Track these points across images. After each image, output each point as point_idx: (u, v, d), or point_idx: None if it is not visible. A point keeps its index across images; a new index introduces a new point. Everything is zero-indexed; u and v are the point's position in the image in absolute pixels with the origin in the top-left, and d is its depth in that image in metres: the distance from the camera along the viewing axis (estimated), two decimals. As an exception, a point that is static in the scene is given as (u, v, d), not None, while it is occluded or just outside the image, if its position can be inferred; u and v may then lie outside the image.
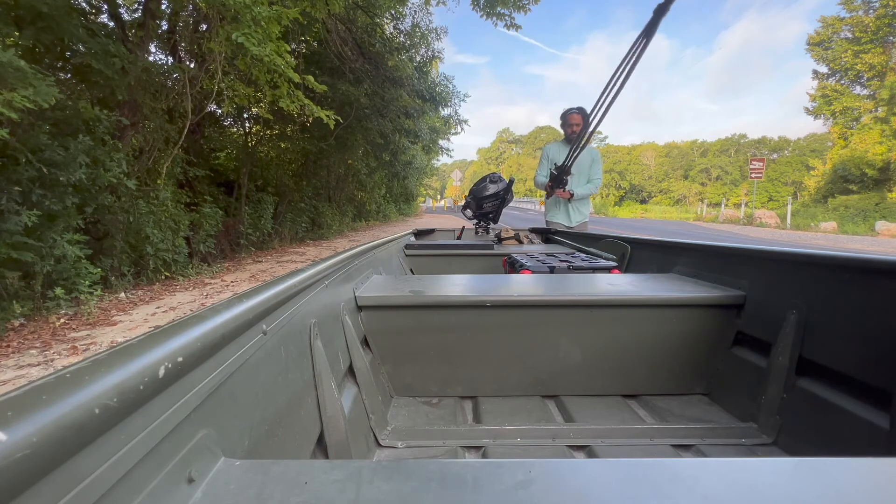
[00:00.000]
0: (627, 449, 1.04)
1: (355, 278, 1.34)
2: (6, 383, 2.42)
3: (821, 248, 1.21)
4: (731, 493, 0.38)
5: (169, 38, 5.99)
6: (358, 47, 9.04)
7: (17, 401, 0.27)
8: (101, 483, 0.30)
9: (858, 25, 21.89)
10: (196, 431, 0.43)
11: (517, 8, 9.09)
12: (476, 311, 1.28)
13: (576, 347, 1.28)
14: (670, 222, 22.84)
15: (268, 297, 0.63)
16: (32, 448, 0.25)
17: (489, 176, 3.46)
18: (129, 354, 0.36)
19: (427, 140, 13.46)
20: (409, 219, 21.00)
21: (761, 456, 1.00)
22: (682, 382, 1.31)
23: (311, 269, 0.90)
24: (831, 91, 24.03)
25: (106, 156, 4.25)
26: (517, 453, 1.03)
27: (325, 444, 0.80)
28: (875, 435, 0.83)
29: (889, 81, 19.76)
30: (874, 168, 20.38)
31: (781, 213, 20.61)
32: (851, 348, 0.92)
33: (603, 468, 0.43)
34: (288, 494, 0.40)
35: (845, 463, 0.41)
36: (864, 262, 0.94)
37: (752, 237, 13.36)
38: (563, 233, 2.84)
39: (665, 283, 1.42)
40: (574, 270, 1.89)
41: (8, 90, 2.86)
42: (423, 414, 1.21)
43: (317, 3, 5.50)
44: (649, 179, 48.07)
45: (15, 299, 3.34)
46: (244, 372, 0.55)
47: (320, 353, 0.83)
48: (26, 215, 3.26)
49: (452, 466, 0.43)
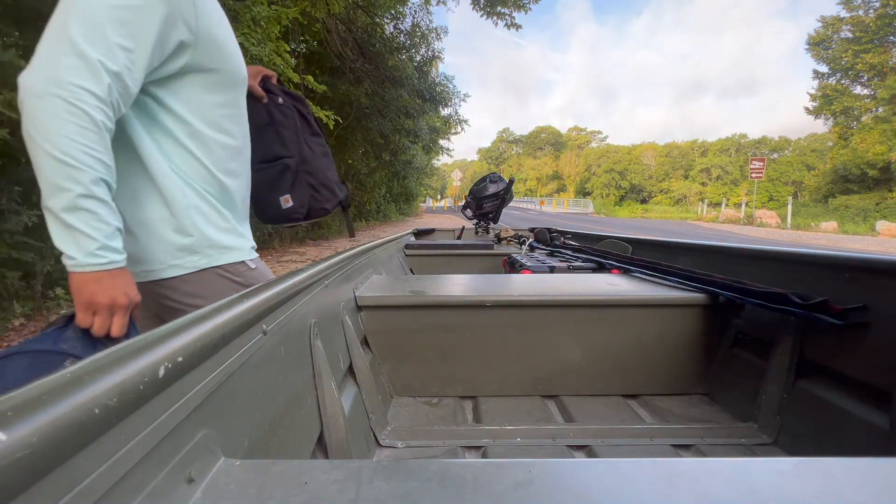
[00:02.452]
0: (627, 449, 1.04)
1: (355, 278, 1.34)
2: (6, 383, 2.42)
3: (821, 248, 1.21)
4: (731, 493, 0.38)
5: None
6: (358, 47, 9.04)
7: (17, 401, 0.27)
8: (101, 483, 0.30)
9: (858, 25, 21.88)
10: (196, 431, 0.43)
11: (517, 7, 9.09)
12: (476, 311, 1.28)
13: (576, 347, 1.28)
14: (671, 222, 22.85)
15: (268, 296, 0.63)
16: (32, 448, 0.25)
17: (489, 176, 3.46)
18: (129, 354, 0.36)
19: (427, 140, 13.47)
20: (409, 219, 20.99)
21: (761, 456, 1.00)
22: (682, 382, 1.31)
23: (311, 269, 0.90)
24: (832, 91, 24.03)
25: (106, 156, 4.25)
26: (517, 453, 1.03)
27: (325, 444, 0.80)
28: (875, 435, 0.83)
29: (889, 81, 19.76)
30: (875, 168, 20.38)
31: (782, 212, 20.61)
32: (851, 348, 0.92)
33: (603, 468, 0.43)
34: (288, 494, 0.40)
35: (845, 463, 0.41)
36: (864, 262, 0.94)
37: (752, 237, 13.36)
38: (563, 232, 2.84)
39: (665, 283, 1.42)
40: (574, 270, 1.89)
41: (8, 90, 2.86)
42: (423, 414, 1.21)
43: (317, 3, 5.51)
44: (649, 179, 48.08)
45: (15, 299, 3.34)
46: (244, 372, 0.55)
47: (320, 353, 0.83)
48: (26, 215, 3.26)
49: (452, 466, 0.43)
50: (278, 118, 1.18)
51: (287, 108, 1.21)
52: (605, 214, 32.62)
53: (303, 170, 1.21)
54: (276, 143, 1.18)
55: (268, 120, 1.17)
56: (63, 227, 0.66)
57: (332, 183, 1.26)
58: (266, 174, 1.17)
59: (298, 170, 1.20)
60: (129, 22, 0.70)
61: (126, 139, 0.80)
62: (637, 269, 1.63)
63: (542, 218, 21.43)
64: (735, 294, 1.18)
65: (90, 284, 0.68)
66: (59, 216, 0.65)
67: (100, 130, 0.67)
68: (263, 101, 1.17)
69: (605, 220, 23.62)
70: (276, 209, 1.18)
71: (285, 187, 1.18)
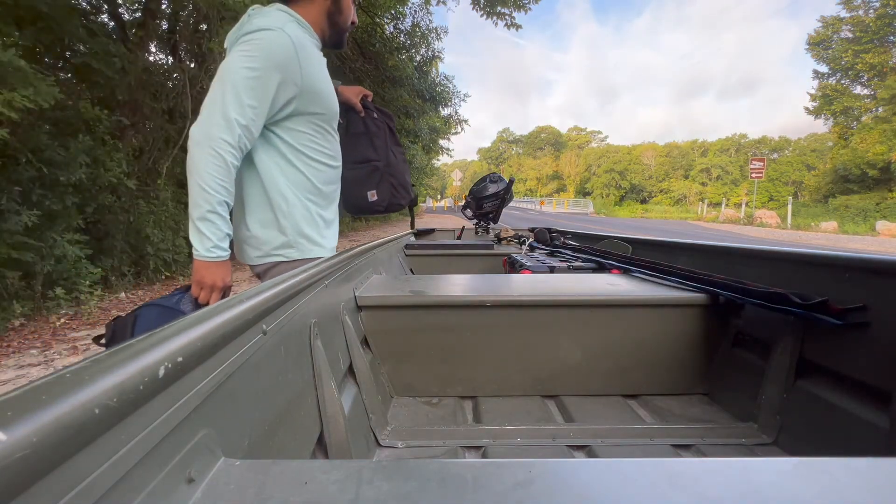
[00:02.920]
0: (627, 449, 1.04)
1: (355, 278, 1.34)
2: (6, 383, 2.42)
3: (821, 248, 1.21)
4: (731, 493, 0.38)
5: (169, 38, 5.99)
6: (358, 47, 9.04)
7: (17, 401, 0.27)
8: (101, 483, 0.30)
9: (858, 25, 21.87)
10: (196, 431, 0.43)
11: (517, 7, 9.09)
12: (476, 311, 1.28)
13: (576, 347, 1.28)
14: (671, 222, 22.84)
15: (268, 296, 0.63)
16: (32, 448, 0.25)
17: (489, 176, 3.45)
18: (129, 354, 0.36)
19: (427, 140, 13.47)
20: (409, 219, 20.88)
21: (761, 456, 1.00)
22: (683, 382, 1.31)
23: (311, 269, 0.90)
24: (832, 91, 24.02)
25: (106, 156, 4.25)
26: (517, 453, 1.03)
27: (325, 444, 0.80)
28: (875, 435, 0.83)
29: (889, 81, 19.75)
30: (875, 168, 20.37)
31: (782, 213, 20.62)
32: (851, 348, 0.92)
33: (603, 468, 0.43)
34: (288, 494, 0.40)
35: (845, 463, 0.41)
36: (864, 262, 0.94)
37: (752, 237, 13.36)
38: (563, 232, 2.84)
39: (665, 283, 1.42)
40: (574, 270, 1.89)
41: (8, 90, 2.86)
42: (423, 414, 1.21)
43: (317, 3, 5.49)
44: (650, 179, 48.05)
45: (15, 299, 3.34)
46: (244, 372, 0.55)
47: (320, 353, 0.83)
48: (26, 215, 3.26)
49: (452, 466, 0.43)
50: (372, 129, 1.52)
51: (379, 121, 1.54)
52: (605, 214, 32.61)
53: (387, 172, 1.51)
54: (368, 149, 1.50)
55: (363, 130, 1.51)
56: (195, 230, 0.99)
57: (408, 184, 1.58)
58: (358, 173, 1.48)
59: (384, 171, 1.50)
60: (256, 87, 1.02)
61: (251, 162, 1.14)
62: (637, 269, 1.63)
63: (542, 218, 21.41)
64: (735, 294, 1.18)
65: (202, 269, 1.01)
66: (195, 222, 0.99)
67: (229, 168, 1.01)
68: (361, 114, 1.50)
69: (605, 220, 23.61)
70: (363, 201, 1.48)
71: (372, 184, 1.49)
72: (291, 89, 1.08)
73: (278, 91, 1.05)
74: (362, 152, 1.50)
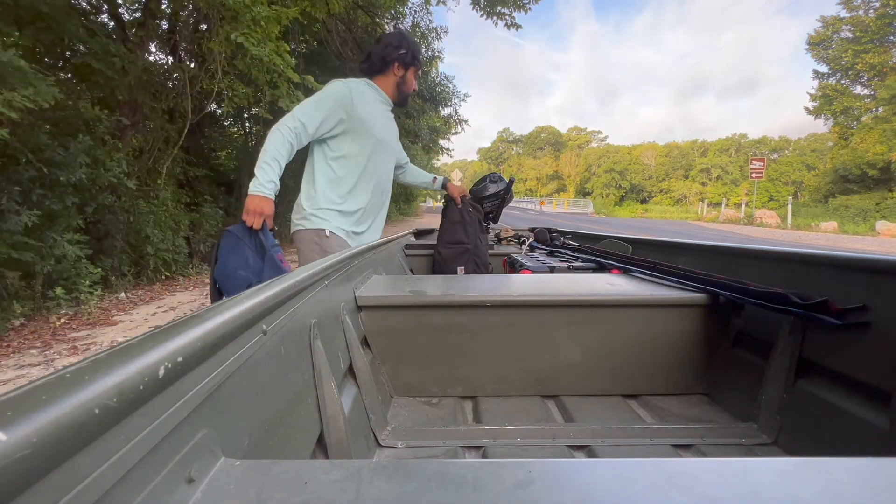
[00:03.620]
0: (627, 449, 1.04)
1: (355, 278, 1.34)
2: (6, 383, 2.42)
3: (821, 248, 1.21)
4: (731, 493, 0.38)
5: (169, 38, 5.99)
6: (358, 47, 9.03)
7: (17, 401, 0.27)
8: (101, 483, 0.30)
9: (858, 25, 21.87)
10: (196, 431, 0.43)
11: (517, 7, 9.08)
12: (476, 311, 1.27)
13: (576, 347, 1.28)
14: (671, 222, 22.85)
15: (268, 296, 0.63)
16: (32, 448, 0.25)
17: (489, 176, 3.44)
18: (129, 354, 0.36)
19: (427, 140, 13.45)
20: (409, 219, 21.00)
21: (761, 456, 1.00)
22: (682, 382, 1.31)
23: (311, 268, 0.90)
24: (832, 91, 24.02)
25: (106, 156, 4.25)
26: (517, 453, 1.03)
27: (325, 444, 0.80)
28: (875, 435, 0.83)
29: (889, 81, 19.74)
30: (875, 168, 20.37)
31: (782, 212, 20.63)
32: (851, 348, 0.92)
33: (603, 468, 0.43)
34: (288, 494, 0.40)
35: (845, 463, 0.41)
36: (864, 262, 0.94)
37: (752, 237, 13.37)
38: (563, 232, 2.84)
39: (665, 283, 1.42)
40: (574, 270, 1.89)
41: (8, 90, 2.86)
42: (423, 414, 1.21)
43: (317, 3, 5.51)
44: (649, 179, 48.04)
45: (15, 299, 3.34)
46: (244, 372, 0.55)
47: (320, 353, 0.83)
48: (26, 215, 3.26)
49: (452, 466, 0.43)
50: (467, 219, 2.17)
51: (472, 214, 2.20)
52: (605, 214, 32.62)
53: (473, 252, 2.12)
54: (462, 234, 2.14)
55: (459, 219, 2.18)
56: (254, 176, 1.48)
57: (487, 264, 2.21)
58: (454, 250, 2.13)
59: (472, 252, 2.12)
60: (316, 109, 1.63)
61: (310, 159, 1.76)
62: (637, 269, 1.63)
63: (542, 218, 21.41)
64: (735, 294, 1.18)
65: (252, 201, 1.44)
66: (255, 170, 1.49)
67: (284, 140, 1.54)
68: (459, 206, 2.21)
69: (604, 220, 23.62)
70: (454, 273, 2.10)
71: (463, 261, 2.12)
72: (342, 113, 1.65)
73: (330, 112, 1.63)
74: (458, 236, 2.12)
